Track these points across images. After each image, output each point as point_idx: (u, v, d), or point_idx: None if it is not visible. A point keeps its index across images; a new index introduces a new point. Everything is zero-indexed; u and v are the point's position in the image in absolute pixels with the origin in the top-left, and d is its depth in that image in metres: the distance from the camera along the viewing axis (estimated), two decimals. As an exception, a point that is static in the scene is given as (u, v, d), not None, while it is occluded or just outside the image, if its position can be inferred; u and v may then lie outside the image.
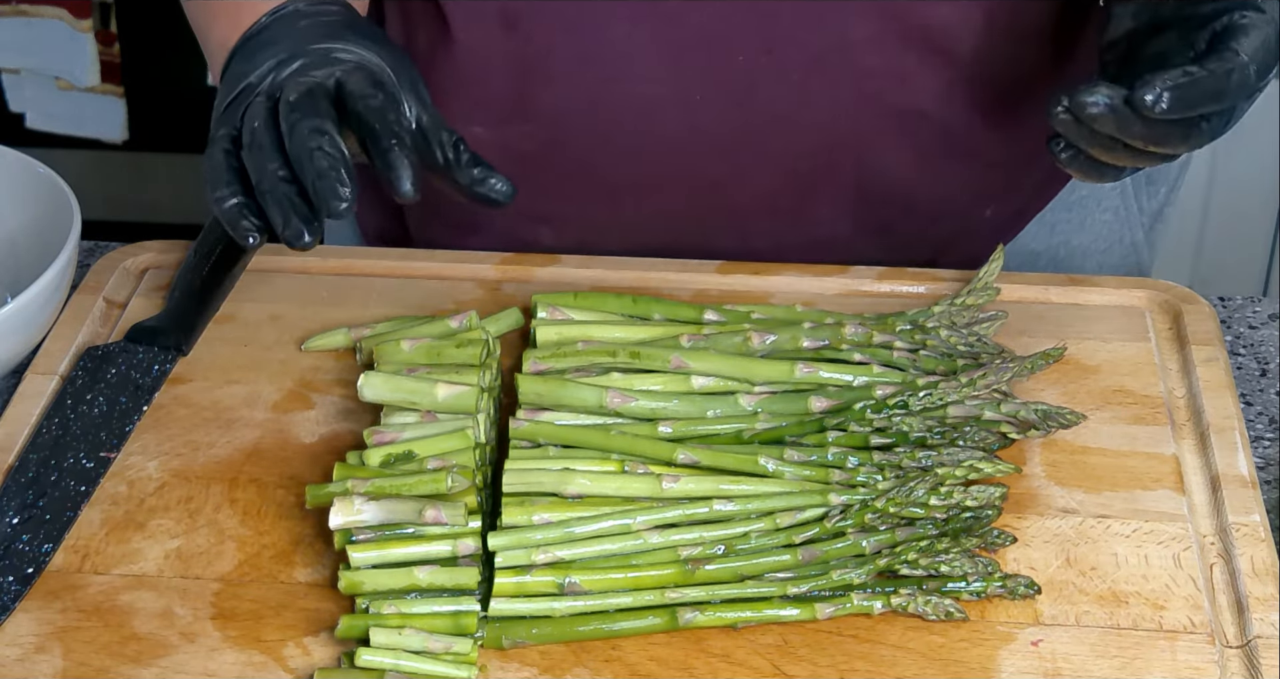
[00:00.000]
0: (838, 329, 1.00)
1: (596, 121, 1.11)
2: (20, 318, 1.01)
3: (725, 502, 0.90)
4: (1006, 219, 1.21)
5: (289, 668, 0.86)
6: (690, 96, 1.09)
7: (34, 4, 2.27)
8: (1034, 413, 0.96)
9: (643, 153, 1.12)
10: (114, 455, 0.98)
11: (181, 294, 1.08)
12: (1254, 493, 0.94)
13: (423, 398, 0.94)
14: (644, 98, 1.10)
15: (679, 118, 1.10)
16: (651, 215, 1.15)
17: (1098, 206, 1.24)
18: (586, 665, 0.86)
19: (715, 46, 1.07)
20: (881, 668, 0.85)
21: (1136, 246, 1.27)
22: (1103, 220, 1.24)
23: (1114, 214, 1.24)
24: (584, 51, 1.08)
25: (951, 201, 1.18)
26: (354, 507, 0.88)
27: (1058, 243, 1.23)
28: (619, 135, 1.12)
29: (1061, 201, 1.22)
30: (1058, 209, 1.22)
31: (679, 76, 1.08)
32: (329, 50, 0.93)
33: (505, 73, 1.11)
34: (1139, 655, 0.86)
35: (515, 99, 1.12)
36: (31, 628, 0.88)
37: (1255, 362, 1.09)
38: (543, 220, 1.15)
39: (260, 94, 0.92)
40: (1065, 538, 0.93)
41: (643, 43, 1.07)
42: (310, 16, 0.97)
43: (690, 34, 1.07)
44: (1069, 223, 1.23)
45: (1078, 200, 1.23)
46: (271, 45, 0.95)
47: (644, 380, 0.97)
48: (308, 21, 0.96)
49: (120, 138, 2.42)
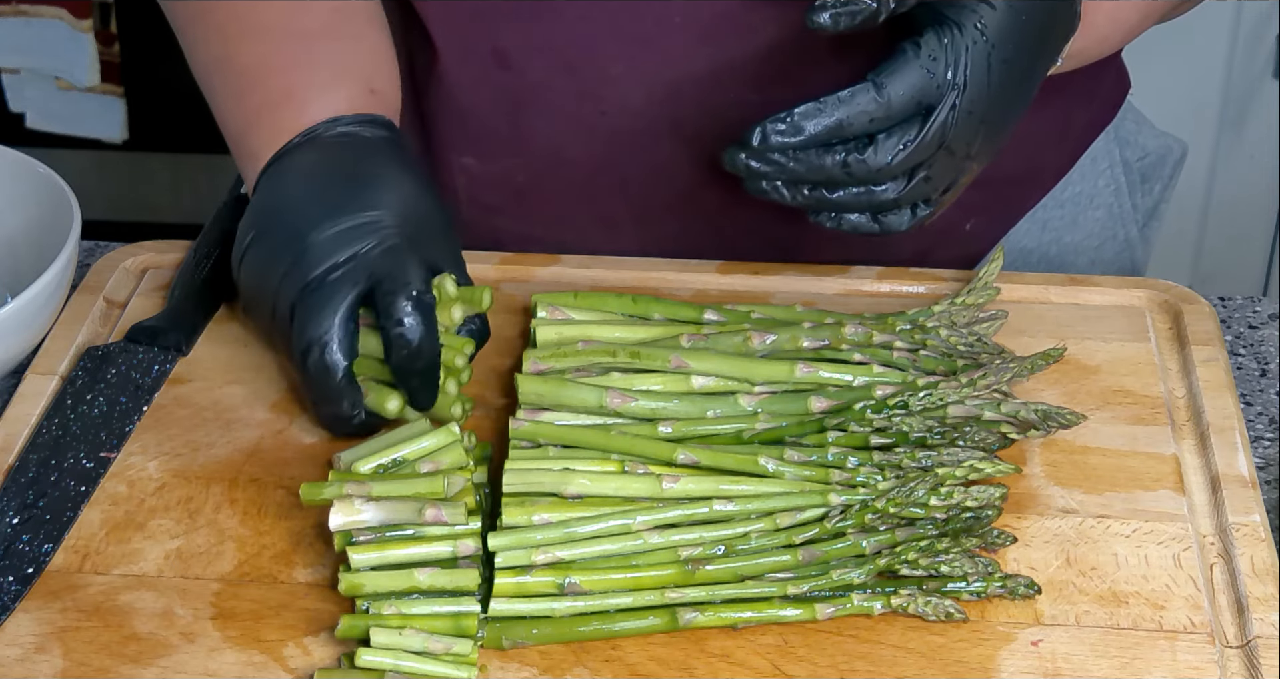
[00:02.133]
0: (838, 329, 1.00)
1: (591, 154, 1.11)
2: (20, 318, 1.01)
3: (725, 502, 0.90)
4: (988, 225, 1.21)
5: (289, 668, 0.86)
6: (684, 130, 1.09)
7: (34, 4, 2.27)
8: (1034, 413, 0.96)
9: (637, 184, 1.13)
10: (114, 455, 0.98)
11: (181, 294, 1.08)
12: (1254, 493, 0.94)
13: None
14: (637, 132, 1.10)
15: (673, 150, 1.10)
16: (648, 244, 1.15)
17: (1090, 204, 1.24)
18: (586, 665, 0.86)
19: (707, 83, 1.07)
20: (881, 668, 0.86)
21: (1130, 243, 1.27)
22: (1095, 217, 1.24)
23: (1107, 211, 1.24)
24: (578, 88, 1.09)
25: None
26: (354, 507, 0.88)
27: (1049, 240, 1.23)
28: (612, 168, 1.12)
29: (1054, 199, 1.22)
30: (1050, 207, 1.22)
31: (673, 111, 1.09)
32: (346, 238, 0.95)
33: (498, 107, 1.11)
34: (1139, 655, 0.86)
35: (509, 132, 1.12)
36: (31, 628, 0.88)
37: (1255, 361, 1.09)
38: (538, 246, 1.15)
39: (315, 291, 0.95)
40: (1065, 538, 0.93)
41: (636, 80, 1.07)
42: (345, 147, 0.99)
43: (683, 72, 1.07)
44: (1061, 220, 1.23)
45: (1070, 198, 1.23)
46: (296, 204, 0.98)
47: (644, 380, 0.97)
48: (339, 156, 0.99)
49: (120, 138, 2.42)
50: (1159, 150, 1.28)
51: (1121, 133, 1.25)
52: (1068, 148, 1.22)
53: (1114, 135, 1.24)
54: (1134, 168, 1.26)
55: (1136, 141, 1.26)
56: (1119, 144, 1.25)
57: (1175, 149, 1.29)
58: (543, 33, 1.07)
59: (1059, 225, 1.23)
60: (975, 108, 0.92)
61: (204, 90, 1.08)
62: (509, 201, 1.15)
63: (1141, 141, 1.27)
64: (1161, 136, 1.29)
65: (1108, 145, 1.24)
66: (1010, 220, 1.21)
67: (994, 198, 1.18)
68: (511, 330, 1.07)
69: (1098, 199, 1.24)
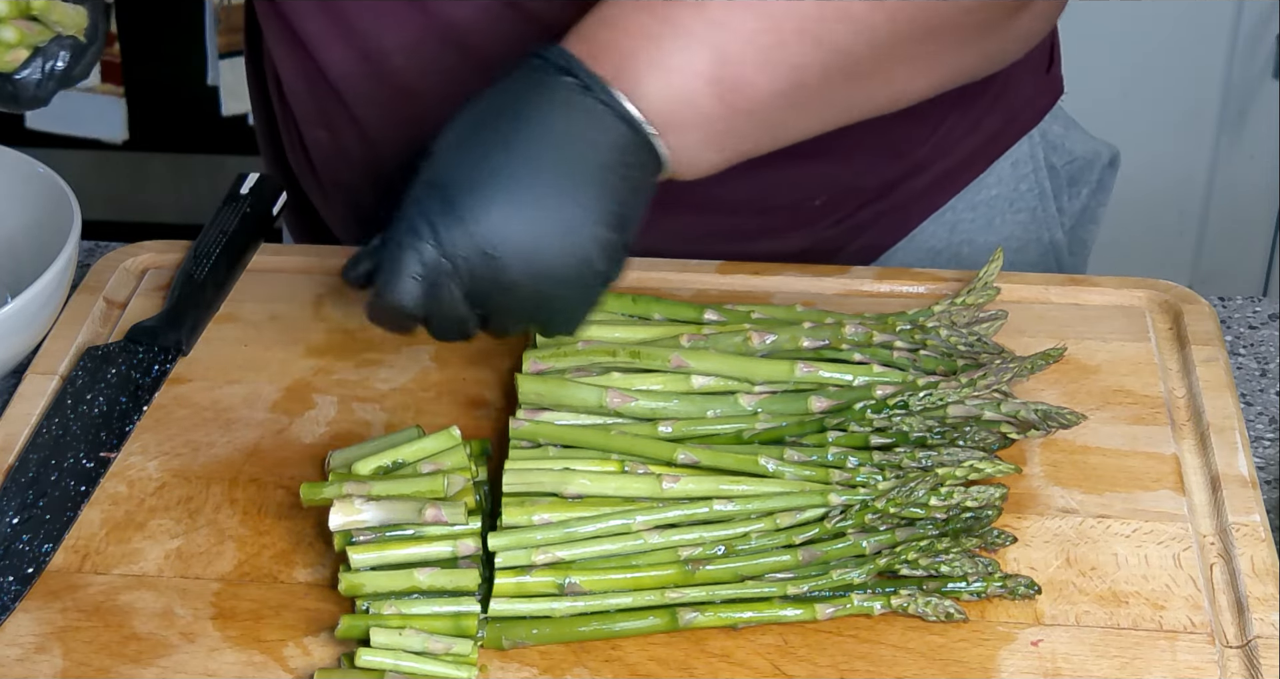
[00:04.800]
0: (838, 329, 1.00)
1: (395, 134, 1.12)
2: (20, 318, 1.01)
3: (725, 502, 0.90)
4: (889, 226, 1.22)
5: (289, 668, 0.86)
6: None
7: (34, 4, 2.27)
8: (1034, 413, 0.96)
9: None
10: (114, 455, 0.98)
11: (181, 294, 1.08)
12: (1254, 493, 0.94)
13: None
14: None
15: None
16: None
17: (1010, 207, 1.24)
18: (586, 665, 0.86)
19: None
20: (881, 668, 0.86)
21: (1055, 246, 1.27)
22: (1017, 220, 1.24)
23: (1030, 214, 1.25)
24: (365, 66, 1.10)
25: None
26: (354, 507, 0.88)
27: (960, 240, 1.23)
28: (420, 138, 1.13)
29: (965, 201, 1.22)
30: (960, 209, 1.22)
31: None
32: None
33: (315, 89, 1.14)
34: (1139, 655, 0.86)
35: (335, 111, 1.14)
36: (31, 628, 0.88)
37: (1255, 361, 1.09)
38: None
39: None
40: (1065, 538, 0.93)
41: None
42: None
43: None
44: (973, 222, 1.23)
45: (985, 201, 1.23)
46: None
47: (644, 380, 0.97)
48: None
49: (120, 138, 2.42)
50: (1087, 154, 1.28)
51: (1049, 137, 1.25)
52: (980, 152, 1.22)
53: (1039, 139, 1.24)
54: (1060, 172, 1.26)
55: (1064, 146, 1.26)
56: (1045, 148, 1.25)
57: (1104, 153, 1.30)
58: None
59: (970, 227, 1.23)
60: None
61: None
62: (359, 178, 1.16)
63: (1069, 146, 1.27)
64: (1090, 141, 1.29)
65: (1032, 149, 1.24)
66: (909, 222, 1.22)
67: (895, 201, 1.19)
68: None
69: (1019, 202, 1.24)
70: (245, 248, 1.12)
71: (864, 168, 1.17)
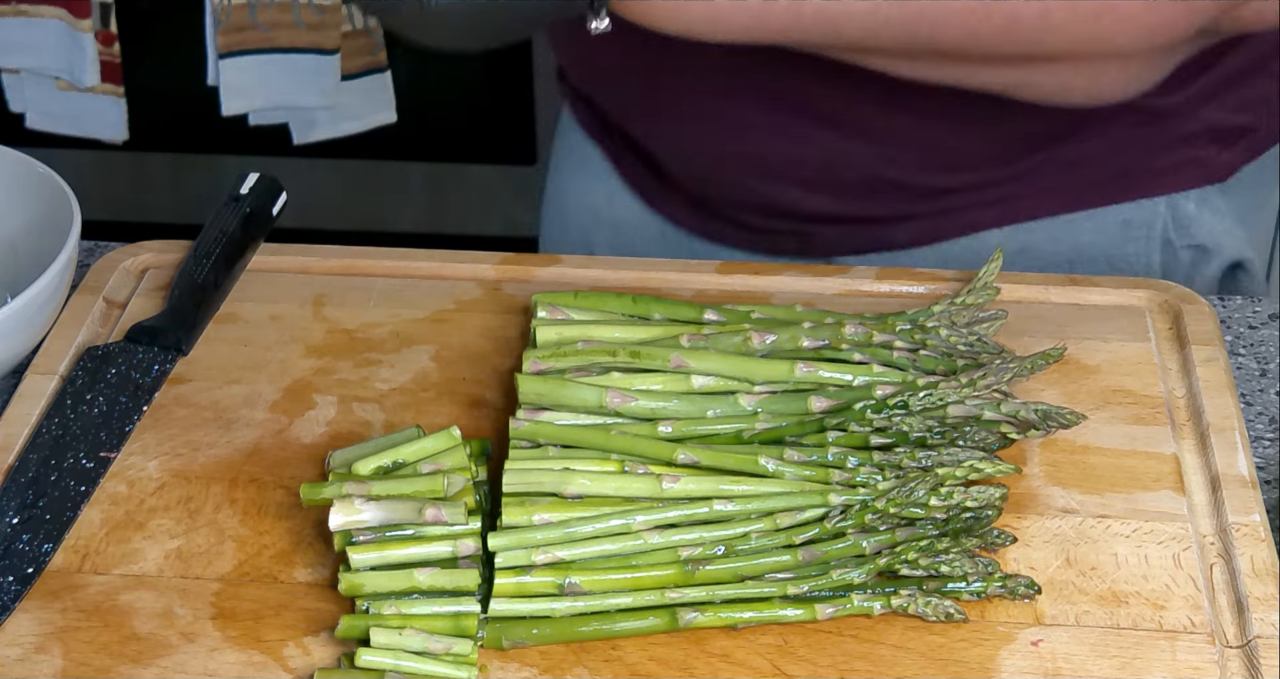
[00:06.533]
0: (838, 329, 1.00)
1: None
2: (20, 318, 1.01)
3: (725, 502, 0.90)
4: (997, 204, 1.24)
5: (289, 668, 0.86)
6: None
7: (34, 4, 2.27)
8: (1034, 413, 0.96)
9: None
10: (114, 455, 0.98)
11: (181, 294, 1.08)
12: (1254, 493, 0.94)
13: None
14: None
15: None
16: None
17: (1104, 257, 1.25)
18: (586, 665, 0.86)
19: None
20: (881, 668, 0.86)
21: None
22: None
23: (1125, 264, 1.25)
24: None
25: None
26: (354, 507, 0.88)
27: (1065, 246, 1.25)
28: None
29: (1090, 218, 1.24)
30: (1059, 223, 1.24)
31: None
32: None
33: None
34: (1139, 655, 0.86)
35: None
36: (31, 628, 0.88)
37: (1255, 361, 1.09)
38: None
39: None
40: (1065, 538, 0.93)
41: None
42: None
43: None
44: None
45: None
46: None
47: (644, 380, 0.97)
48: None
49: (120, 138, 2.42)
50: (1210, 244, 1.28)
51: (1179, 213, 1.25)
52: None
53: (1164, 210, 1.25)
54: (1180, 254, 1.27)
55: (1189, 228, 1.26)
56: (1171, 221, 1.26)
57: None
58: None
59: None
60: None
61: None
62: None
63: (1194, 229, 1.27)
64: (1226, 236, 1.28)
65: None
66: (1018, 216, 1.23)
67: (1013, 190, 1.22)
68: (512, 330, 1.07)
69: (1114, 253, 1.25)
70: (245, 248, 1.12)
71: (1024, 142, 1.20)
